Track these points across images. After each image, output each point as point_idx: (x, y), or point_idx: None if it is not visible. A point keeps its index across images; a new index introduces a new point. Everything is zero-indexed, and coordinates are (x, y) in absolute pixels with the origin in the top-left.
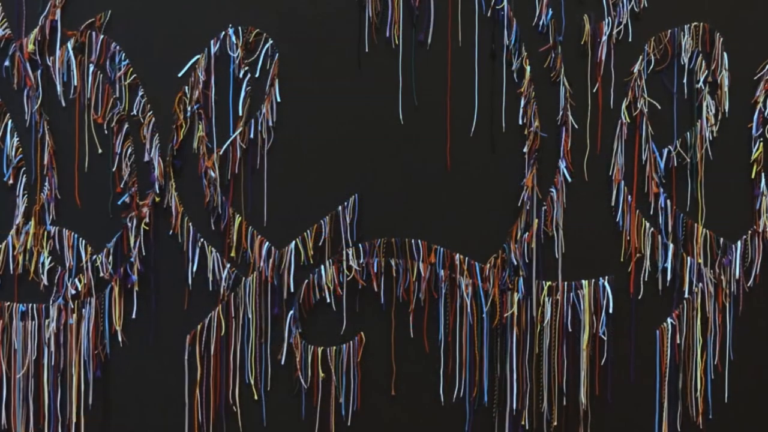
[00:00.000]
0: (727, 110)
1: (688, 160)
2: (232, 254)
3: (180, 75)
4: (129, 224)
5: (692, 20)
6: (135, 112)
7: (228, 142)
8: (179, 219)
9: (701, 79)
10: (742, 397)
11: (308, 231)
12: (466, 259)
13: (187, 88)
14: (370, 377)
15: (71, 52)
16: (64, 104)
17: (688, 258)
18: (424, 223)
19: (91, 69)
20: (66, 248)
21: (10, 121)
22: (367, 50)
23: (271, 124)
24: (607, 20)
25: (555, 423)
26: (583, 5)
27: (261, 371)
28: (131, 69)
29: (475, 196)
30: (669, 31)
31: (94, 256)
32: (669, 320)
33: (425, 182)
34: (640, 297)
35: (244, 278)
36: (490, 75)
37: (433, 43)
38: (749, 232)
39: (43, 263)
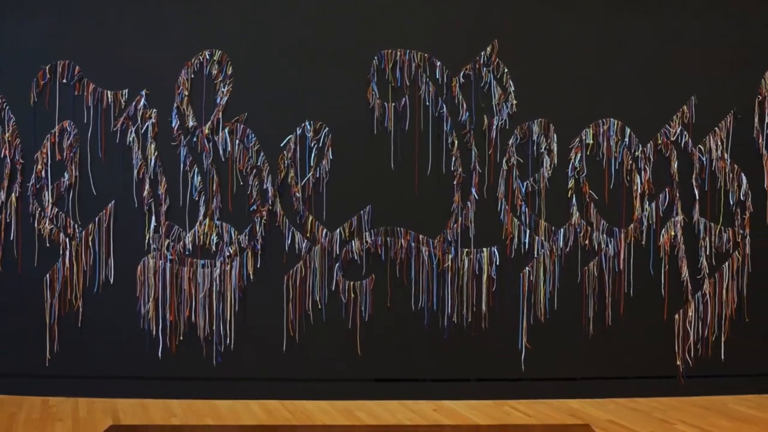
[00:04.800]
0: (556, 163)
1: (537, 188)
2: (308, 235)
3: (281, 145)
4: (256, 220)
5: (539, 117)
6: (259, 163)
7: (305, 179)
8: (281, 217)
9: (544, 148)
10: (564, 307)
11: (345, 224)
12: (426, 238)
13: (285, 151)
14: (377, 297)
15: (227, 133)
16: (224, 160)
17: (536, 237)
18: (404, 219)
19: (237, 142)
20: (223, 232)
21: (196, 168)
22: (375, 132)
23: (327, 170)
24: (496, 117)
25: (470, 320)
26: (484, 109)
27: (323, 294)
28: (258, 143)
29: (429, 206)
30: (527, 123)
31: (239, 236)
32: (527, 268)
33: (404, 200)
34: (512, 257)
35: (313, 247)
36: (437, 145)
37: (409, 129)
38: (567, 224)
39: (212, 239)
